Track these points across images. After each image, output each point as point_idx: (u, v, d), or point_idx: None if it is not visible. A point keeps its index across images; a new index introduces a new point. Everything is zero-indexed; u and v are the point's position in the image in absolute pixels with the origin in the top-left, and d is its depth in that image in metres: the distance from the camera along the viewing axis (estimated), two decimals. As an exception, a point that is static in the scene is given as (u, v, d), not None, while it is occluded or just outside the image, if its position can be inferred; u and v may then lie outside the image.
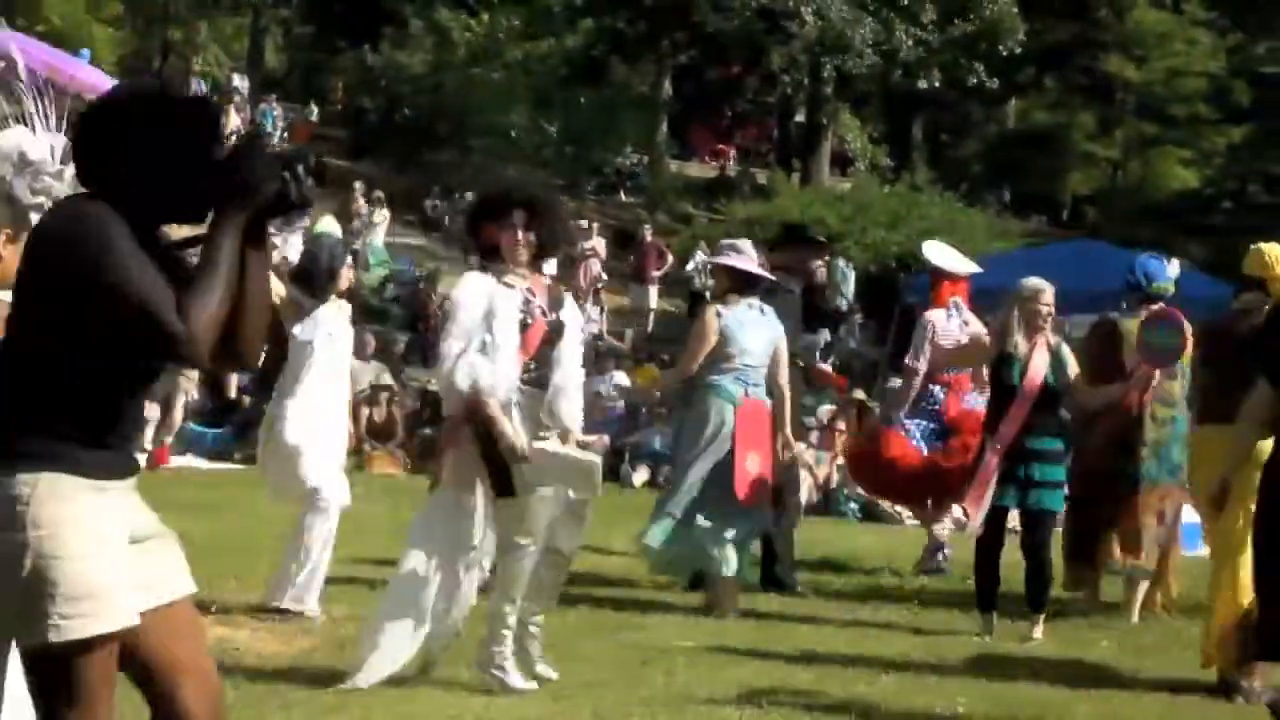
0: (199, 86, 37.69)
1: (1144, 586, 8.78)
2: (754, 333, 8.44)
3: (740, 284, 8.54)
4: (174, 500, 9.70)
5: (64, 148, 4.33)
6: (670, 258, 25.91)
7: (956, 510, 12.48)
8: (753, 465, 8.37)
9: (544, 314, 6.35)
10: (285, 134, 35.02)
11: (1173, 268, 8.93)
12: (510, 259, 6.32)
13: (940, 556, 10.30)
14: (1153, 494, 8.68)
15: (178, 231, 3.54)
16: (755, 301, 8.54)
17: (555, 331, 6.37)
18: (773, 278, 8.86)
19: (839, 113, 36.55)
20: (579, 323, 6.73)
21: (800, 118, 38.34)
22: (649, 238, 25.95)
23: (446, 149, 33.90)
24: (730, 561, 8.36)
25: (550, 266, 6.88)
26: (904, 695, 6.68)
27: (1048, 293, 8.01)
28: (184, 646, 3.49)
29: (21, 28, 29.22)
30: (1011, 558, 8.22)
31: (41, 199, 4.37)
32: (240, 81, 37.78)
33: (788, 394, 8.63)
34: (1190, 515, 11.48)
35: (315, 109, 38.43)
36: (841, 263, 23.68)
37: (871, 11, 32.46)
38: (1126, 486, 8.57)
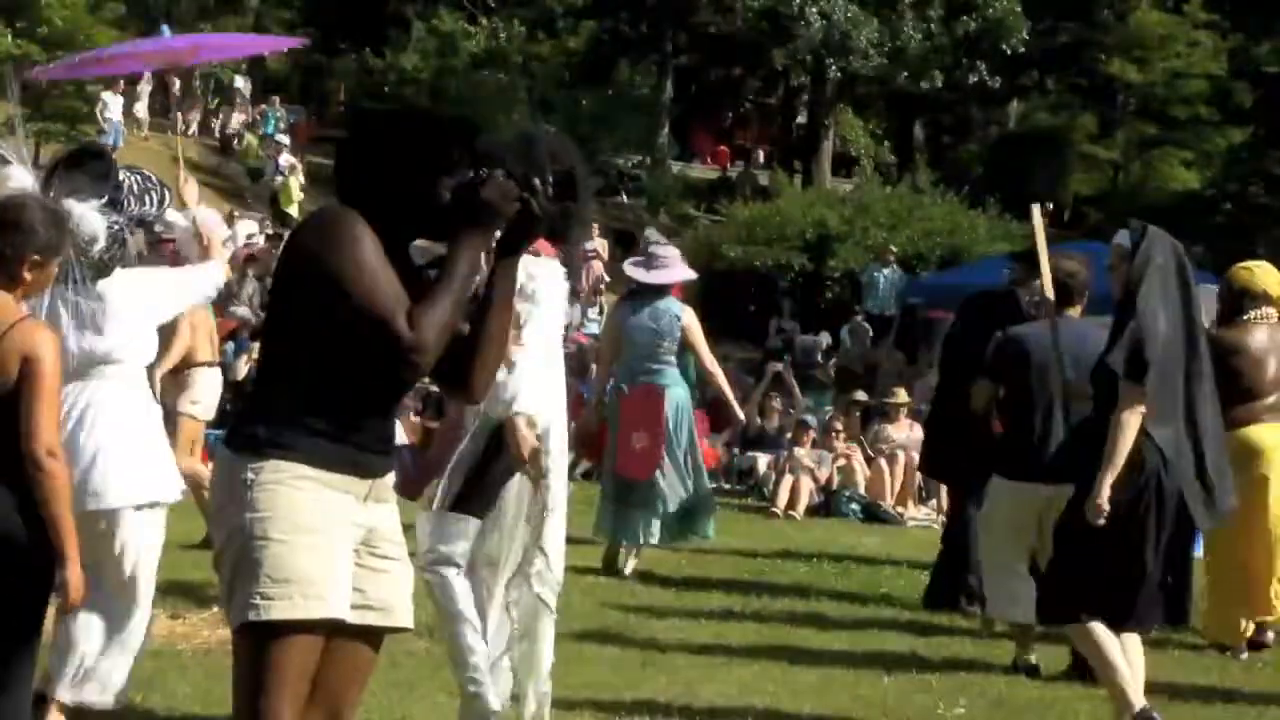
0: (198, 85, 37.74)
1: None
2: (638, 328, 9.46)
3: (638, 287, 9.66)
4: (176, 502, 9.71)
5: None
6: (672, 259, 25.89)
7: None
8: (638, 442, 9.39)
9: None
10: (287, 135, 35.03)
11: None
12: None
13: None
14: None
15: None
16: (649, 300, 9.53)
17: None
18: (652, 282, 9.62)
19: (841, 114, 36.56)
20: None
21: (802, 119, 38.35)
22: (651, 239, 25.94)
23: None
24: (633, 532, 9.47)
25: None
26: (906, 696, 6.69)
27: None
28: (342, 677, 3.51)
29: (22, 29, 29.24)
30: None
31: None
32: (242, 83, 37.76)
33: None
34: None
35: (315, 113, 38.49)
36: (876, 270, 23.55)
37: (875, 11, 32.49)
38: None
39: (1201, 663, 7.67)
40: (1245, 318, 7.91)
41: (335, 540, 3.39)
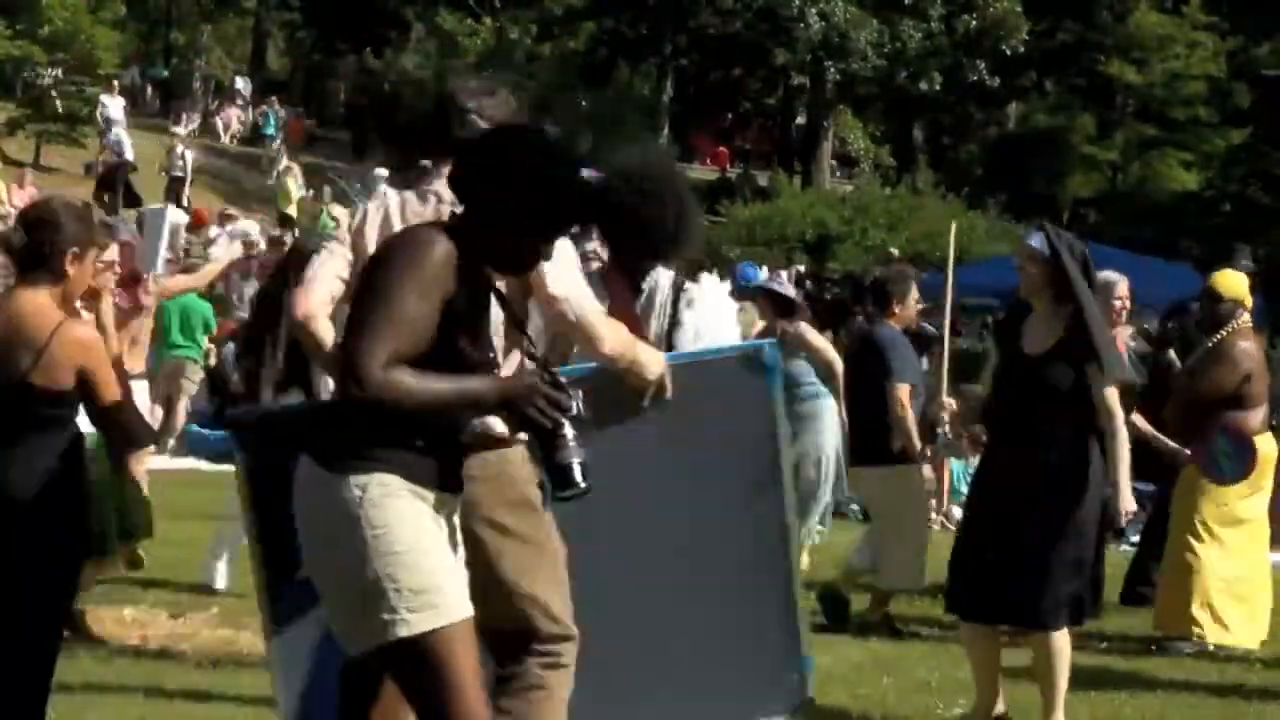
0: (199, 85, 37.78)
1: None
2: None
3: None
4: (176, 503, 9.70)
5: None
6: (672, 260, 25.91)
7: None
8: None
9: None
10: (282, 133, 35.03)
11: (762, 272, 10.79)
12: None
13: None
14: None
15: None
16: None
17: None
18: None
19: (841, 115, 36.55)
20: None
21: (802, 120, 38.35)
22: (650, 240, 25.94)
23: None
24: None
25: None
26: (905, 695, 6.69)
27: (1122, 285, 7.98)
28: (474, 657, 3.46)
29: (22, 29, 29.25)
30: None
31: None
32: (243, 84, 37.80)
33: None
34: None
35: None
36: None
37: (875, 12, 32.50)
38: None
39: (1201, 663, 7.68)
40: (1239, 324, 7.97)
41: (445, 546, 3.40)
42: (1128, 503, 5.74)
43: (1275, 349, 13.18)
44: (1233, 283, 8.14)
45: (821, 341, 10.11)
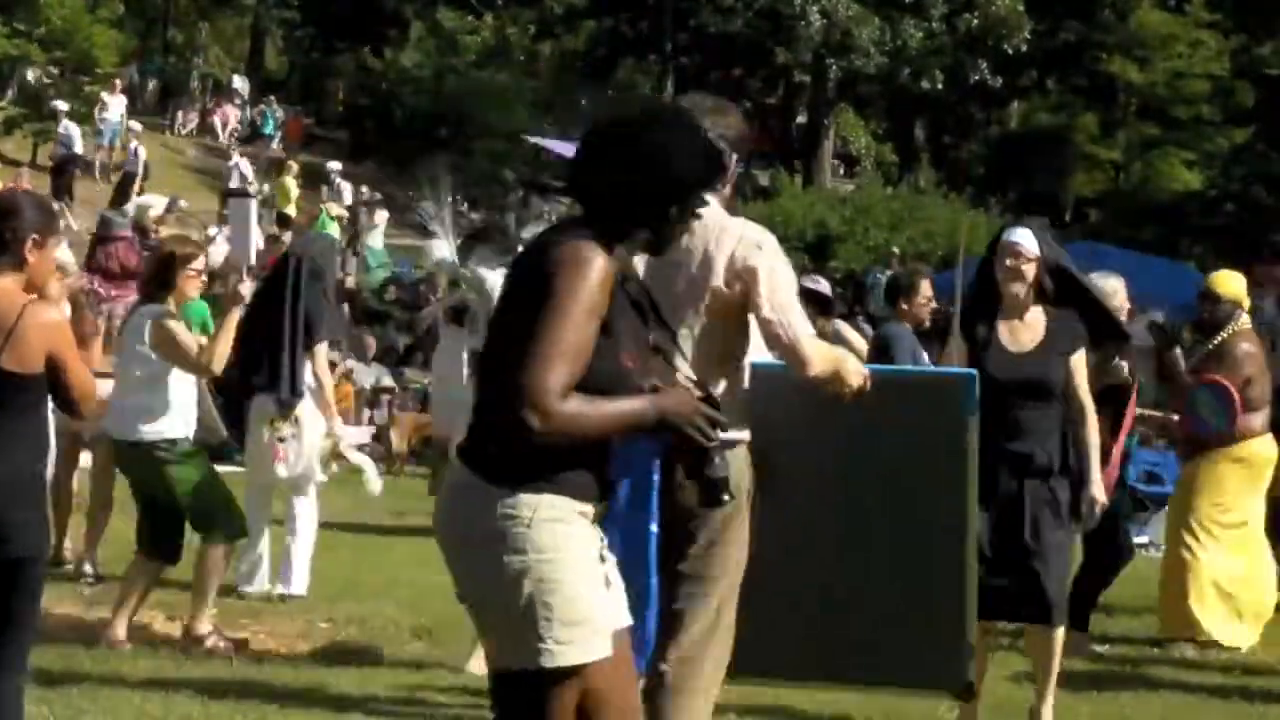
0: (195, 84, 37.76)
1: None
2: None
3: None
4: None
5: None
6: (672, 259, 25.89)
7: None
8: None
9: None
10: (280, 132, 35.02)
11: None
12: None
13: None
14: None
15: None
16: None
17: None
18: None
19: (842, 114, 36.55)
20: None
21: (802, 119, 38.35)
22: (651, 239, 25.92)
23: (448, 151, 33.95)
24: None
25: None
26: (906, 697, 6.65)
27: (1122, 293, 7.79)
28: (625, 689, 3.40)
29: (21, 28, 29.22)
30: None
31: None
32: (241, 82, 37.78)
33: None
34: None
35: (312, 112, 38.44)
36: (879, 272, 23.56)
37: (876, 10, 32.51)
38: None
39: (1203, 665, 7.66)
40: (1238, 325, 7.94)
41: (601, 574, 3.33)
42: (1099, 493, 5.70)
43: (1277, 350, 13.17)
44: (1230, 283, 8.10)
45: (860, 340, 10.06)
